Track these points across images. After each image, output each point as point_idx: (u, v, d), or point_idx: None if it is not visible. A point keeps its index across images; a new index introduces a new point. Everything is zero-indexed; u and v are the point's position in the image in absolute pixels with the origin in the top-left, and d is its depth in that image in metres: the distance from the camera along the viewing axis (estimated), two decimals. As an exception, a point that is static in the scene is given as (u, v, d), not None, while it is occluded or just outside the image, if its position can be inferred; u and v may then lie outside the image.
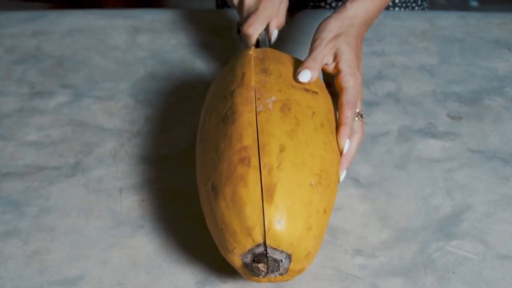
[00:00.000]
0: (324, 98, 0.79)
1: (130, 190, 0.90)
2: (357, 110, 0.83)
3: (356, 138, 0.82)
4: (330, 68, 0.83)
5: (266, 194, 0.67)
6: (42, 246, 0.82)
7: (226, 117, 0.74)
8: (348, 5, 0.86)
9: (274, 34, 1.03)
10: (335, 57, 0.82)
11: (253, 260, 0.68)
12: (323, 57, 0.82)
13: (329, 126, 0.76)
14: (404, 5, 1.26)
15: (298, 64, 0.83)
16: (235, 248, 0.69)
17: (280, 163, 0.68)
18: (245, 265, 0.69)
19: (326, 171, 0.72)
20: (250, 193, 0.67)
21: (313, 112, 0.75)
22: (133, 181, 0.91)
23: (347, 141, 0.78)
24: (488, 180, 0.89)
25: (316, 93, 0.78)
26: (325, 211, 0.71)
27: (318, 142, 0.73)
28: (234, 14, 1.26)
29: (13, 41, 1.21)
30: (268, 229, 0.66)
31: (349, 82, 0.81)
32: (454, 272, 0.77)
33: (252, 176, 0.68)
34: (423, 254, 0.79)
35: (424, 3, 1.31)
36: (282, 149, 0.69)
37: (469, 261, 0.79)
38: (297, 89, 0.77)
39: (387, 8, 1.25)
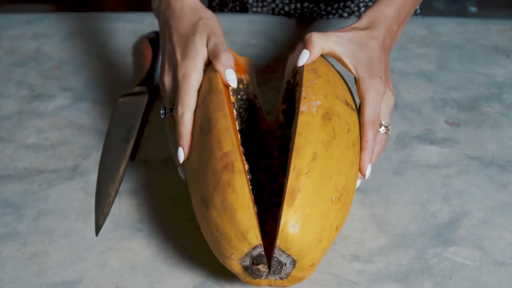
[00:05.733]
0: (358, 118, 0.78)
1: (128, 193, 0.90)
2: (383, 122, 0.80)
3: (375, 151, 0.80)
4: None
5: (288, 196, 0.67)
6: (41, 248, 0.82)
7: (203, 127, 0.75)
8: (362, 15, 0.85)
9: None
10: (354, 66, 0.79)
11: (253, 263, 0.69)
12: (321, 45, 0.79)
13: (358, 147, 0.76)
14: None
15: (340, 77, 0.81)
16: (232, 253, 0.69)
17: (309, 171, 0.68)
18: (245, 268, 0.70)
19: (347, 190, 0.72)
20: (238, 198, 0.68)
21: (349, 129, 0.74)
22: (132, 185, 0.91)
23: (369, 166, 0.77)
24: (485, 187, 0.90)
25: (354, 110, 0.78)
26: (337, 228, 0.72)
27: (347, 161, 0.73)
28: (231, 18, 1.27)
29: (13, 43, 1.21)
30: (282, 230, 0.67)
31: (369, 92, 0.77)
32: (451, 279, 0.77)
33: (238, 181, 0.69)
34: (420, 260, 0.80)
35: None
36: (314, 157, 0.69)
37: (466, 267, 0.79)
38: (340, 100, 0.76)
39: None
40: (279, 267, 0.69)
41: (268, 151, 0.87)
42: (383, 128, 0.80)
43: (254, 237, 0.67)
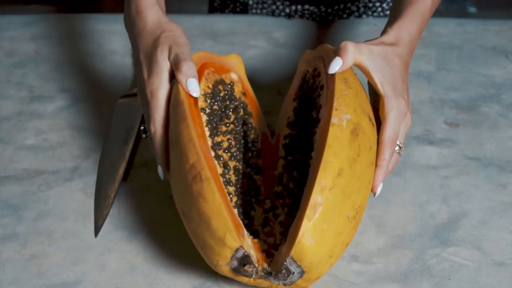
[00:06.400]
0: (377, 135, 0.78)
1: (127, 195, 0.90)
2: (398, 142, 0.79)
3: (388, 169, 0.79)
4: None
5: (310, 209, 0.67)
6: (40, 250, 0.82)
7: (172, 141, 0.75)
8: (388, 29, 0.83)
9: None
10: (380, 82, 0.78)
11: (240, 264, 0.70)
12: (354, 56, 0.78)
13: (374, 165, 0.76)
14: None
15: (363, 88, 0.80)
16: (218, 260, 0.70)
17: (333, 186, 0.68)
18: (235, 271, 0.71)
19: (362, 209, 0.72)
20: (210, 205, 0.69)
21: (370, 147, 0.74)
22: (131, 186, 0.91)
23: (381, 184, 0.76)
24: (484, 187, 0.90)
25: (374, 126, 0.77)
26: (346, 244, 0.72)
27: (366, 180, 0.73)
28: (231, 19, 1.27)
29: (12, 45, 1.21)
30: (299, 242, 0.67)
31: (393, 111, 0.77)
32: (450, 279, 0.77)
33: (207, 189, 0.69)
34: (419, 261, 0.80)
35: None
36: (340, 173, 0.69)
37: (465, 268, 0.79)
38: (365, 115, 0.75)
39: (386, 15, 1.25)
40: (286, 275, 0.69)
41: (266, 150, 0.86)
42: (397, 148, 0.79)
43: (233, 240, 0.68)
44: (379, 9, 1.25)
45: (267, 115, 0.94)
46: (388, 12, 1.25)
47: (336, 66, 0.77)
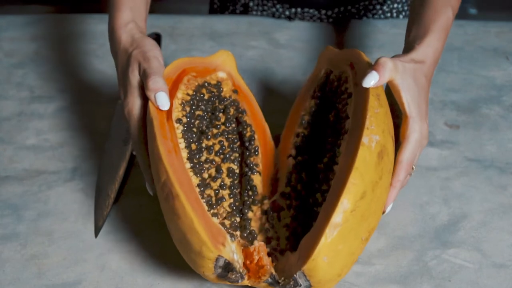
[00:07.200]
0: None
1: (128, 195, 0.90)
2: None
3: None
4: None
5: (329, 229, 0.67)
6: (40, 250, 0.82)
7: (151, 159, 0.76)
8: (416, 46, 0.83)
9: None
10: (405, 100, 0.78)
11: (224, 271, 0.70)
12: (390, 73, 0.77)
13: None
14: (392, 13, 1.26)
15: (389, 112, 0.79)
16: (204, 271, 0.71)
17: (355, 209, 0.68)
18: (221, 277, 0.71)
19: (373, 230, 0.72)
20: (183, 221, 0.69)
21: (390, 169, 0.74)
22: (132, 186, 0.91)
23: (391, 204, 0.77)
24: (484, 189, 0.90)
25: (394, 146, 0.76)
26: (354, 263, 0.72)
27: (382, 202, 0.73)
28: (231, 20, 1.27)
29: (12, 45, 1.21)
30: (313, 260, 0.67)
31: (415, 134, 0.77)
32: (450, 281, 0.77)
33: (178, 205, 0.70)
34: (419, 262, 0.80)
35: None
36: (363, 196, 0.69)
37: (465, 269, 0.79)
38: (390, 137, 0.74)
39: (386, 17, 1.25)
40: (293, 286, 0.69)
41: (265, 149, 0.86)
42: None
43: (209, 251, 0.68)
44: (380, 11, 1.25)
45: (267, 116, 0.94)
46: (388, 15, 1.25)
47: (371, 80, 0.76)
